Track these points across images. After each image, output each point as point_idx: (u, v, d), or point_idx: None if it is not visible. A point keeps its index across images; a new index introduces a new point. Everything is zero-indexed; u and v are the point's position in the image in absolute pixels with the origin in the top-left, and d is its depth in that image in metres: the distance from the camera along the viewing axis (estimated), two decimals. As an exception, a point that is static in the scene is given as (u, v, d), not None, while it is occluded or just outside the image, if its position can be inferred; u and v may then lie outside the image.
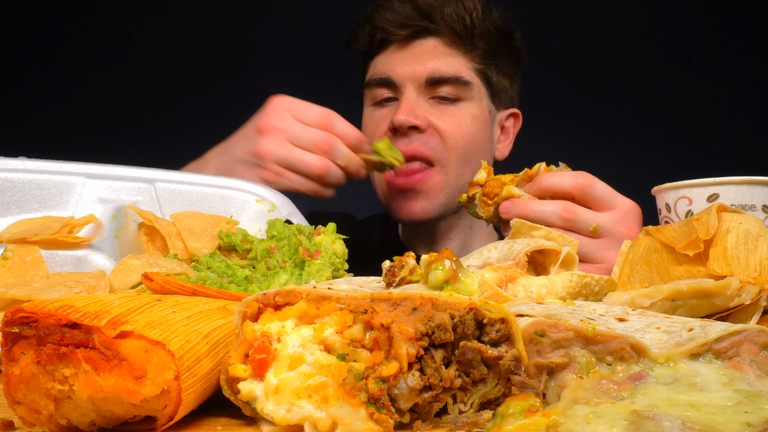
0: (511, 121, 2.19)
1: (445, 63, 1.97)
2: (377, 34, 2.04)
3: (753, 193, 1.25)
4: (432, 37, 2.00)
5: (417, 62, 1.96)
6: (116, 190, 1.47)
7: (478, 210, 1.49)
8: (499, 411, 0.62)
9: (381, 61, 2.04)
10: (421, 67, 1.95)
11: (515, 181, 1.46)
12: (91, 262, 1.25)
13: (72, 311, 0.62)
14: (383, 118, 2.00)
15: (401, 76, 1.96)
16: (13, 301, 1.06)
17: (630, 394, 0.60)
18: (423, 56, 1.97)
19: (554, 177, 1.43)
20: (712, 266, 0.92)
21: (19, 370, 0.62)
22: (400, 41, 2.01)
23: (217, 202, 1.52)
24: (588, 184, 1.41)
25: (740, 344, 0.66)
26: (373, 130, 2.00)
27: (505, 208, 1.44)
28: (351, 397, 0.60)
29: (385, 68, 2.01)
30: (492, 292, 0.86)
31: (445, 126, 1.94)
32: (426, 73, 1.94)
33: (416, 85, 1.95)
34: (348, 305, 0.64)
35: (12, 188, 1.40)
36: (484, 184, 1.48)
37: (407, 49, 2.00)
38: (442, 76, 1.95)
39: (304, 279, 1.20)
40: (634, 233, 1.42)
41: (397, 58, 2.00)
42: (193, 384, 0.64)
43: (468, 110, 1.99)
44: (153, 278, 0.89)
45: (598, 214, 1.41)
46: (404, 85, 1.96)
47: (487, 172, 1.49)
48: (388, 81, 1.99)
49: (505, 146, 2.20)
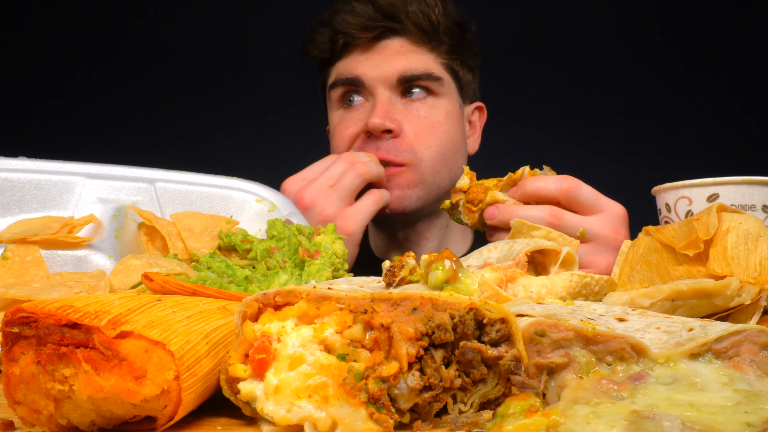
0: (477, 115, 2.19)
1: (414, 60, 1.95)
2: (339, 39, 1.98)
3: (753, 193, 1.25)
4: (397, 37, 1.96)
5: (385, 63, 1.93)
6: (116, 190, 1.47)
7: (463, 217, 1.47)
8: (499, 411, 0.62)
9: (345, 64, 1.99)
10: (391, 67, 1.92)
11: (499, 185, 1.45)
12: (91, 262, 1.25)
13: (72, 311, 0.62)
14: (354, 120, 1.96)
15: (371, 79, 1.93)
16: (13, 301, 1.06)
17: (630, 394, 0.60)
18: (390, 56, 1.94)
19: (539, 181, 1.42)
20: (712, 266, 0.92)
21: (19, 370, 0.62)
22: (364, 44, 1.96)
23: (217, 202, 1.52)
24: (573, 188, 1.40)
25: (740, 344, 0.66)
26: (344, 132, 1.96)
27: (490, 213, 1.42)
28: (351, 397, 0.60)
29: (351, 69, 1.96)
30: (492, 292, 0.86)
31: (418, 128, 1.92)
32: (396, 72, 1.91)
33: (387, 86, 1.92)
34: (348, 305, 0.64)
35: (12, 188, 1.40)
36: (468, 191, 1.46)
37: (373, 51, 1.96)
38: (413, 74, 1.93)
39: (304, 279, 1.20)
40: (621, 236, 1.42)
41: (363, 59, 1.96)
42: (193, 384, 0.64)
43: (441, 107, 1.98)
44: (153, 278, 0.89)
45: (584, 219, 1.40)
46: (375, 87, 1.92)
47: (470, 178, 1.47)
48: (356, 81, 1.95)
49: (474, 140, 2.20)
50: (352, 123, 1.96)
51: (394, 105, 1.93)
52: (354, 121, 1.96)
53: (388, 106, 1.91)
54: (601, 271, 1.41)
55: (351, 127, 1.96)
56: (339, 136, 1.98)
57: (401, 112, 1.93)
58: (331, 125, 2.06)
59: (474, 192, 1.44)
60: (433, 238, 2.11)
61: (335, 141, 2.01)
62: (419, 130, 1.93)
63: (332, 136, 2.05)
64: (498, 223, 1.42)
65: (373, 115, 1.87)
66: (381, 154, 1.87)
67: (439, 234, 2.13)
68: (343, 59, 2.00)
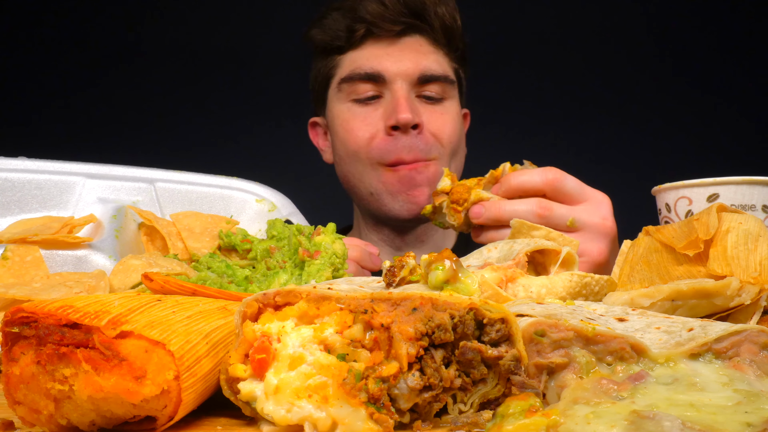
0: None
1: (433, 61, 1.96)
2: (359, 28, 1.94)
3: (753, 193, 1.25)
4: (418, 35, 1.97)
5: (408, 59, 1.92)
6: (116, 190, 1.47)
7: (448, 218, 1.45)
8: (499, 411, 0.62)
9: (364, 56, 1.95)
10: (414, 64, 1.92)
11: (481, 184, 1.43)
12: (91, 262, 1.25)
13: (72, 311, 0.62)
14: (372, 115, 1.92)
15: (392, 73, 1.91)
16: (13, 301, 1.06)
17: (630, 394, 0.60)
18: (413, 53, 1.94)
19: (523, 175, 1.41)
20: (712, 266, 0.92)
21: (19, 370, 0.62)
22: (386, 37, 1.94)
23: (217, 202, 1.52)
24: (558, 179, 1.39)
25: (740, 344, 0.66)
26: (362, 128, 1.92)
27: (476, 212, 1.41)
28: (351, 397, 0.60)
29: (372, 63, 1.93)
30: (492, 292, 0.86)
31: (436, 125, 1.93)
32: (418, 70, 1.92)
33: (407, 82, 1.91)
34: (348, 305, 0.64)
35: (12, 188, 1.40)
36: (450, 191, 1.44)
37: (395, 46, 1.94)
38: (433, 74, 1.94)
39: (304, 279, 1.20)
40: (609, 223, 1.41)
41: (384, 54, 1.93)
42: (193, 384, 0.64)
43: (452, 109, 1.99)
44: (153, 278, 0.89)
45: (572, 208, 1.39)
46: (394, 82, 1.90)
47: (450, 179, 1.45)
48: (376, 76, 1.92)
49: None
50: (369, 119, 1.93)
51: (413, 101, 1.93)
52: (372, 116, 1.93)
53: (410, 101, 1.90)
54: (594, 258, 1.40)
55: (370, 123, 1.93)
56: (357, 131, 1.93)
57: (419, 108, 1.93)
58: (338, 118, 2.00)
59: (458, 192, 1.43)
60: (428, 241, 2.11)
61: (350, 137, 1.95)
62: (437, 127, 1.93)
63: (341, 130, 1.98)
64: (485, 220, 1.41)
65: (400, 110, 1.86)
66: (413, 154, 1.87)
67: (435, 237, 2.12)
68: (359, 50, 1.97)
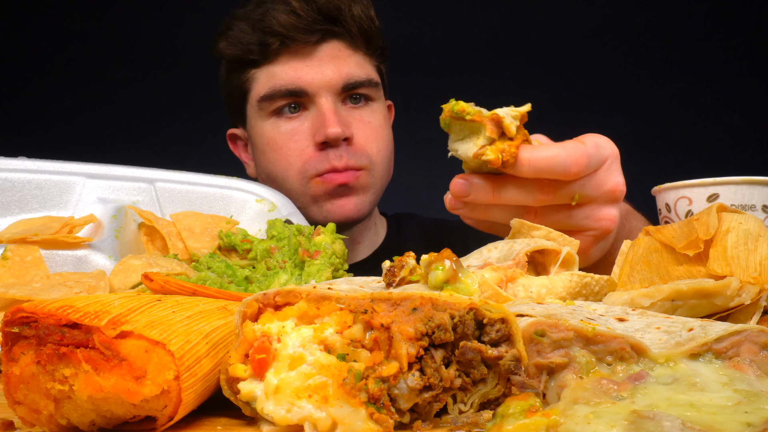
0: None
1: (355, 66, 1.88)
2: (272, 42, 1.82)
3: (753, 193, 1.25)
4: (335, 40, 1.87)
5: (329, 68, 1.84)
6: (116, 190, 1.47)
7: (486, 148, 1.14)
8: (499, 411, 0.62)
9: (282, 71, 1.85)
10: (336, 73, 1.84)
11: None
12: (91, 262, 1.25)
13: (72, 311, 0.62)
14: (299, 130, 1.85)
15: (315, 86, 1.82)
16: (13, 301, 1.06)
17: (630, 394, 0.60)
18: (333, 61, 1.85)
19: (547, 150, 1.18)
20: (712, 266, 0.92)
21: (19, 370, 0.62)
22: (303, 48, 1.84)
23: (217, 202, 1.52)
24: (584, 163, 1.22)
25: (740, 344, 0.66)
26: (291, 146, 1.85)
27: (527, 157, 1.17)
28: (351, 397, 0.60)
29: (292, 78, 1.83)
30: (492, 292, 0.86)
31: (366, 133, 1.88)
32: (342, 79, 1.84)
33: (332, 93, 1.84)
34: (348, 305, 0.64)
35: (12, 188, 1.41)
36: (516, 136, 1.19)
37: (313, 56, 1.84)
38: (357, 81, 1.87)
39: (304, 279, 1.20)
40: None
41: (304, 66, 1.83)
42: (193, 384, 0.64)
43: (379, 111, 1.95)
44: (153, 278, 0.89)
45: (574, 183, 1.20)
46: (319, 95, 1.83)
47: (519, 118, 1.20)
48: (299, 92, 1.83)
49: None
50: (297, 135, 1.85)
51: (340, 112, 1.86)
52: (299, 132, 1.85)
53: (338, 114, 1.84)
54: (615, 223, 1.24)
55: (298, 140, 1.85)
56: (286, 150, 1.86)
57: (347, 118, 1.87)
58: (263, 137, 1.91)
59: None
60: (365, 242, 2.08)
61: (280, 156, 1.88)
62: (367, 135, 1.89)
63: (268, 150, 1.90)
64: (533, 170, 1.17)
65: (329, 124, 1.79)
66: (344, 161, 1.82)
67: (369, 235, 2.10)
68: (275, 63, 1.86)
